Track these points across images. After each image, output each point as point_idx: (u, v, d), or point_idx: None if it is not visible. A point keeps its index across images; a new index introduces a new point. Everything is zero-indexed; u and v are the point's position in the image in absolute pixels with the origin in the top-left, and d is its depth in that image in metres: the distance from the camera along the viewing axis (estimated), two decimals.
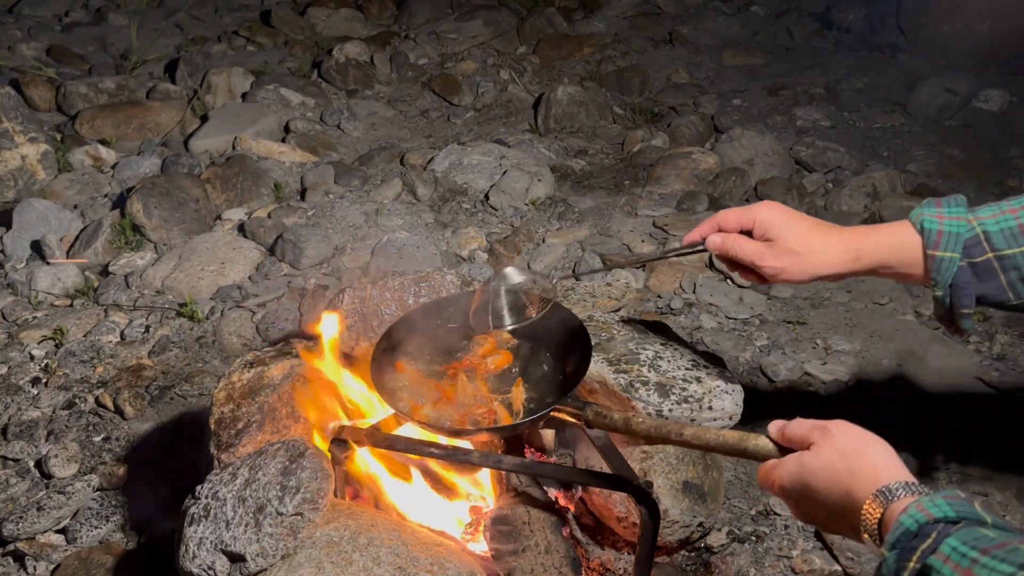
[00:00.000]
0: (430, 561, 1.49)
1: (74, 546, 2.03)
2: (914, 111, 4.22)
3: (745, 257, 1.39)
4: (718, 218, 1.44)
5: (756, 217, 1.39)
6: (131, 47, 4.83)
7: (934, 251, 1.28)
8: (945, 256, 1.27)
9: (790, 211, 1.39)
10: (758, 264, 1.38)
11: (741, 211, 1.41)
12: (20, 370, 2.65)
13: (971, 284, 1.28)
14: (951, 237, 1.27)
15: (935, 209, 1.31)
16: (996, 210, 1.29)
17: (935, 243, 1.28)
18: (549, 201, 3.53)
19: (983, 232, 1.27)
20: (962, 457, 2.23)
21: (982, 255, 1.26)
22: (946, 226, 1.28)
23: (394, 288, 2.04)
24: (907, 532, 0.91)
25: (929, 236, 1.29)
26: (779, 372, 2.55)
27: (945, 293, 1.30)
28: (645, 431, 1.36)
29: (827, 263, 1.35)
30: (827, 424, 1.09)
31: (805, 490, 1.07)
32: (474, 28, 5.09)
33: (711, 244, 1.44)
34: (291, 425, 1.78)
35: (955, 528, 0.89)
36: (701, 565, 1.91)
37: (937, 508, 0.91)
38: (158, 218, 3.24)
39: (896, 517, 0.93)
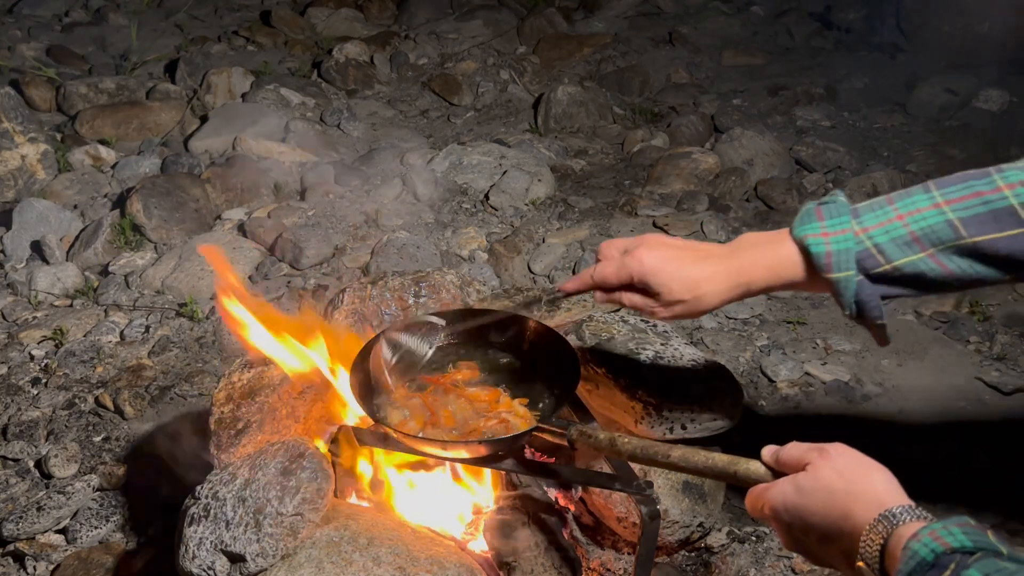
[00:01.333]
0: (430, 561, 1.49)
1: (74, 546, 2.03)
2: (914, 111, 4.22)
3: (639, 309, 1.36)
4: (597, 275, 1.37)
5: (631, 272, 1.32)
6: (131, 47, 4.83)
7: (828, 275, 1.21)
8: (840, 277, 1.20)
9: (665, 253, 1.31)
10: (651, 316, 1.36)
11: (617, 265, 1.34)
12: (20, 370, 2.65)
13: (874, 293, 1.22)
14: (841, 255, 1.20)
15: (817, 225, 1.22)
16: (883, 216, 1.21)
17: (827, 266, 1.21)
18: (549, 201, 3.53)
19: (874, 246, 1.20)
20: (962, 457, 2.23)
21: (878, 267, 1.20)
22: (833, 244, 1.20)
23: (394, 288, 2.04)
24: (923, 563, 0.86)
25: (819, 260, 1.21)
26: (779, 372, 2.55)
27: (853, 311, 1.24)
28: (631, 452, 1.30)
29: (715, 301, 1.31)
30: (825, 446, 1.03)
31: (799, 512, 1.01)
32: (474, 28, 5.09)
33: (598, 300, 1.40)
34: (291, 425, 1.78)
35: (973, 559, 0.84)
36: (701, 565, 1.91)
37: (953, 537, 0.87)
38: (158, 218, 3.24)
39: (906, 544, 0.88)
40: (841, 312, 1.26)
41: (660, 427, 1.81)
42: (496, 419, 1.62)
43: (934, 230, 1.17)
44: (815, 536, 1.01)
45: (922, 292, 1.24)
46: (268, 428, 1.74)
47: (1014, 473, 2.16)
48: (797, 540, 1.05)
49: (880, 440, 2.28)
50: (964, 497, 2.13)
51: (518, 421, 1.59)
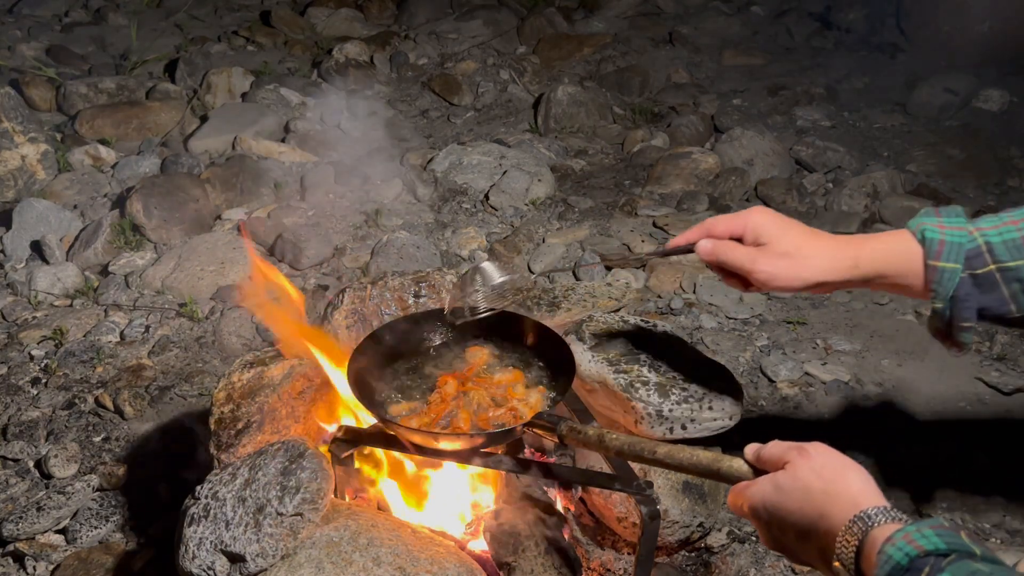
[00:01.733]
0: (430, 561, 1.49)
1: (74, 546, 2.03)
2: (914, 111, 4.22)
3: (736, 263, 1.32)
4: (708, 224, 1.37)
5: (747, 223, 1.32)
6: (131, 47, 4.83)
7: (935, 261, 1.23)
8: (947, 267, 1.22)
9: (783, 217, 1.33)
10: (750, 269, 1.31)
11: (731, 217, 1.35)
12: (20, 370, 2.65)
13: (972, 296, 1.24)
14: (953, 247, 1.22)
15: (935, 219, 1.26)
16: (997, 221, 1.24)
17: (936, 253, 1.23)
18: (549, 201, 3.53)
19: (985, 243, 1.22)
20: (962, 458, 2.23)
21: (984, 266, 1.22)
22: (948, 236, 1.23)
23: (394, 288, 2.04)
24: (898, 567, 0.87)
25: (931, 246, 1.23)
26: (779, 372, 2.55)
27: (945, 306, 1.25)
28: (618, 448, 1.32)
29: (822, 268, 1.28)
30: (805, 445, 1.04)
31: (777, 510, 1.02)
32: (474, 28, 5.09)
33: (701, 250, 1.37)
34: (291, 425, 1.78)
35: (946, 562, 0.85)
36: (701, 565, 1.91)
37: (927, 540, 0.87)
38: (158, 218, 3.24)
39: (881, 548, 0.89)
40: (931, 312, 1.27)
41: (660, 427, 1.81)
42: (507, 408, 1.63)
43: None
44: (792, 534, 1.02)
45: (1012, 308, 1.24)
46: (268, 428, 1.74)
47: (1014, 473, 2.16)
48: (775, 538, 1.06)
49: (880, 440, 2.29)
50: (964, 497, 2.13)
51: (527, 411, 1.61)
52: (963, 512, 2.09)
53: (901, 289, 1.30)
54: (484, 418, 1.62)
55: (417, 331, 1.84)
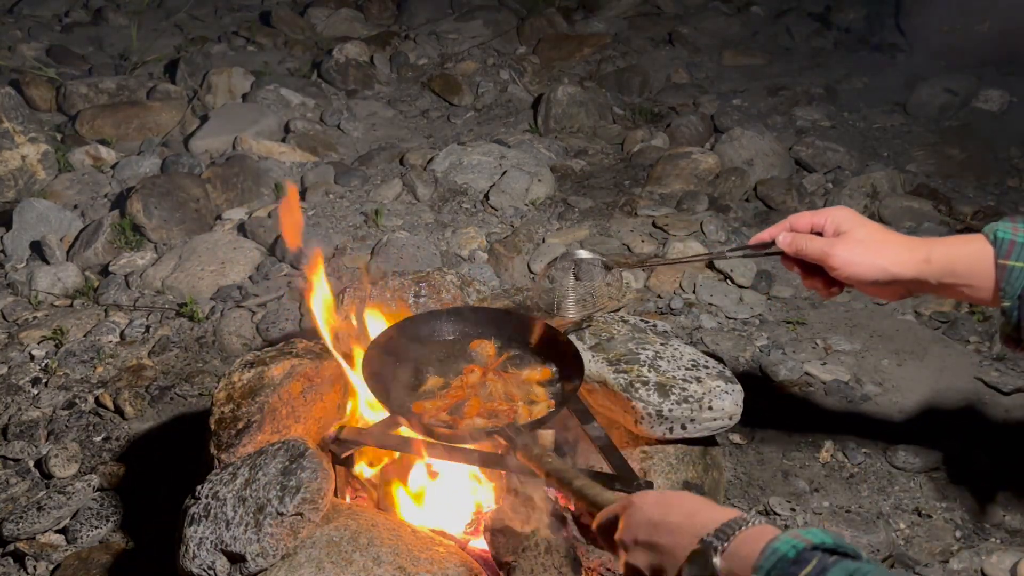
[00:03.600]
0: (430, 561, 1.50)
1: (74, 546, 2.03)
2: (914, 111, 4.22)
3: (815, 252, 1.39)
4: (790, 219, 1.45)
5: (828, 216, 1.40)
6: (131, 47, 4.83)
7: (1005, 260, 1.26)
8: (1017, 265, 1.25)
9: (862, 216, 1.40)
10: (828, 253, 1.37)
11: (813, 212, 1.43)
12: (20, 370, 2.65)
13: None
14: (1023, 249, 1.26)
15: (1010, 223, 1.29)
16: None
17: (1007, 252, 1.26)
18: (549, 201, 3.54)
19: None
20: (962, 458, 2.23)
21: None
22: (1020, 237, 1.26)
23: (394, 288, 2.05)
24: (784, 558, 0.88)
25: (1001, 245, 1.27)
26: (779, 372, 2.55)
27: (1013, 304, 1.27)
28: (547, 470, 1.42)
29: (897, 257, 1.33)
30: None
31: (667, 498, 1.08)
32: (474, 28, 5.09)
33: (782, 242, 1.43)
34: (291, 425, 1.78)
35: (832, 561, 0.87)
36: None
37: (813, 535, 0.90)
38: (158, 218, 3.24)
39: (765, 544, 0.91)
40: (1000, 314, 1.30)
41: (660, 427, 1.81)
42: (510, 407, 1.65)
43: None
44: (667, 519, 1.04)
45: None
46: (268, 428, 1.74)
47: (1014, 473, 2.16)
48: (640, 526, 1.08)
49: (880, 440, 2.29)
50: (964, 497, 2.13)
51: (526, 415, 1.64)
52: (963, 512, 2.09)
53: (971, 291, 1.32)
54: (491, 408, 1.65)
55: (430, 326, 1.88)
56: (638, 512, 1.09)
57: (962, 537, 2.03)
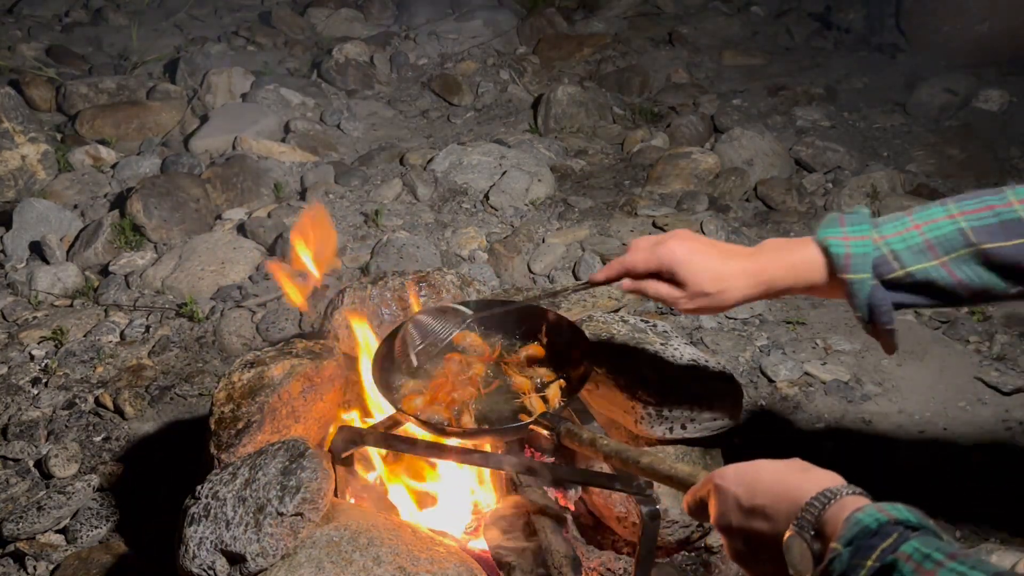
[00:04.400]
0: (430, 561, 1.49)
1: (74, 546, 2.03)
2: (914, 111, 4.22)
3: (661, 301, 1.43)
4: (627, 263, 1.44)
5: (661, 261, 1.39)
6: (131, 47, 4.84)
7: (844, 275, 1.28)
8: (856, 278, 1.27)
9: (696, 246, 1.38)
10: (677, 308, 1.42)
11: (647, 253, 1.41)
12: (20, 370, 2.65)
13: (887, 299, 1.29)
14: (859, 259, 1.27)
15: (839, 229, 1.29)
16: (900, 227, 1.28)
17: (844, 267, 1.28)
18: (549, 201, 3.53)
19: (890, 251, 1.27)
20: (962, 458, 2.23)
21: (893, 272, 1.27)
22: (852, 248, 1.27)
23: (394, 288, 2.05)
24: (866, 529, 0.88)
25: (837, 260, 1.28)
26: (779, 372, 2.55)
27: (865, 314, 1.30)
28: (607, 452, 1.38)
29: (738, 297, 1.37)
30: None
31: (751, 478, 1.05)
32: (474, 28, 5.09)
33: (624, 287, 1.46)
34: (291, 425, 1.78)
35: (915, 534, 0.87)
36: (701, 565, 1.91)
37: (898, 511, 0.89)
38: (158, 218, 3.24)
39: (850, 515, 0.91)
40: (855, 317, 1.33)
41: (660, 427, 1.81)
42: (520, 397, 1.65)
43: (947, 238, 1.25)
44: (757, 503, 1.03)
45: (932, 301, 1.30)
46: (268, 428, 1.74)
47: (1014, 473, 2.16)
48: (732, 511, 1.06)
49: (880, 440, 2.29)
50: (964, 497, 2.13)
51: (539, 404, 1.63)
52: (963, 512, 2.09)
53: (819, 295, 1.37)
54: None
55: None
56: (726, 497, 1.07)
57: (962, 537, 2.03)
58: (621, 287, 1.46)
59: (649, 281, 1.43)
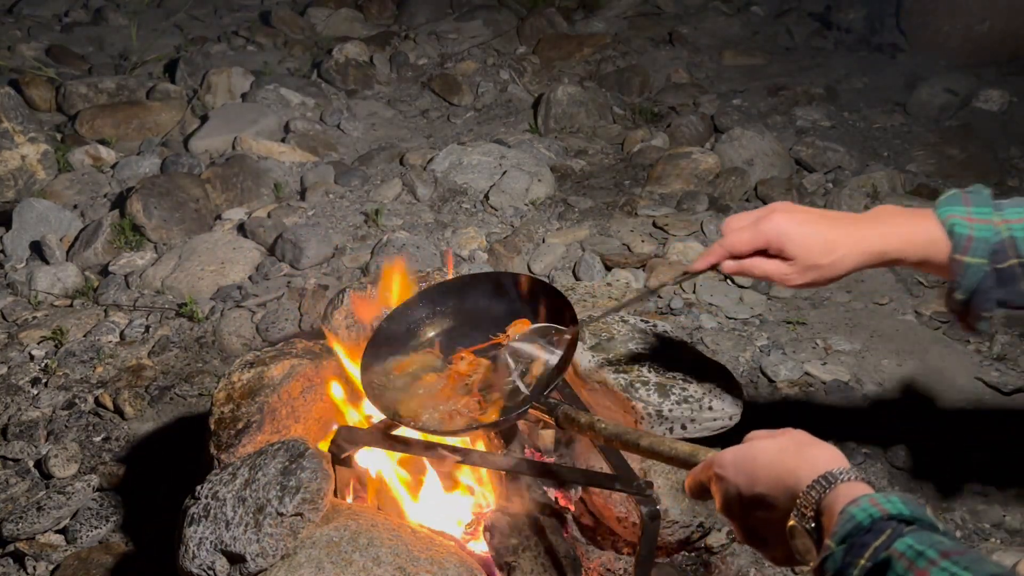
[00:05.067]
0: (430, 561, 1.49)
1: (74, 546, 2.03)
2: (914, 111, 4.22)
3: (770, 279, 1.35)
4: (728, 244, 1.35)
5: (767, 237, 1.31)
6: (131, 47, 4.83)
7: (962, 256, 1.24)
8: (972, 262, 1.24)
9: (802, 216, 1.31)
10: (786, 284, 1.34)
11: (751, 232, 1.33)
12: (20, 370, 2.65)
13: (993, 289, 1.26)
14: (980, 243, 1.24)
15: (963, 209, 1.26)
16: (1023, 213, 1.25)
17: (964, 248, 1.24)
18: (549, 201, 3.53)
19: (1010, 237, 1.24)
20: (962, 458, 2.23)
21: (1006, 261, 1.24)
22: (975, 231, 1.24)
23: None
24: (859, 526, 0.87)
25: (959, 241, 1.25)
26: (779, 372, 2.55)
27: (967, 296, 1.27)
28: (607, 435, 1.37)
29: (849, 267, 1.31)
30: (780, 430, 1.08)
31: (749, 464, 1.03)
32: (474, 28, 5.09)
33: (727, 270, 1.38)
34: (291, 425, 1.78)
35: (908, 529, 0.85)
36: (701, 565, 1.91)
37: (892, 504, 0.88)
38: (158, 218, 3.24)
39: (843, 508, 0.89)
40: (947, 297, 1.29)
41: (660, 427, 1.81)
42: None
43: None
44: (756, 492, 1.02)
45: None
46: (268, 428, 1.74)
47: (1014, 473, 2.16)
48: (734, 501, 1.06)
49: (880, 440, 2.29)
50: (964, 497, 2.13)
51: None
52: (963, 512, 2.09)
53: (924, 270, 1.33)
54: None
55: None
56: (727, 485, 1.06)
57: (962, 537, 2.03)
58: (722, 270, 1.38)
59: (754, 260, 1.34)
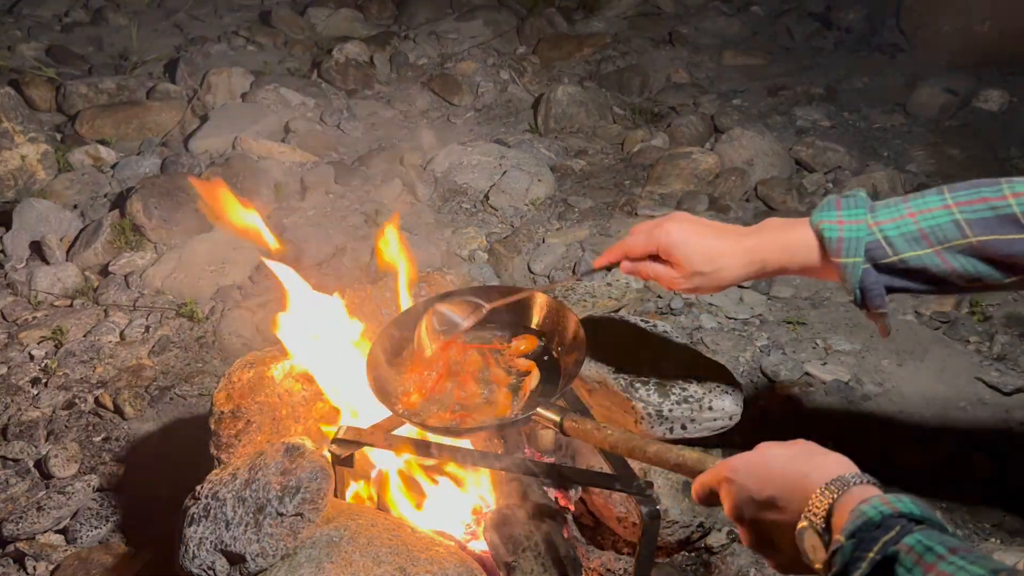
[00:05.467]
0: (430, 561, 1.49)
1: (74, 546, 2.03)
2: (914, 111, 4.22)
3: (660, 283, 1.46)
4: (625, 246, 1.48)
5: (658, 243, 1.42)
6: (131, 47, 4.83)
7: (836, 258, 1.30)
8: (848, 262, 1.29)
9: (691, 228, 1.41)
10: (674, 288, 1.45)
11: (646, 237, 1.44)
12: (20, 370, 2.65)
13: (879, 283, 1.30)
14: (851, 243, 1.29)
15: (834, 213, 1.31)
16: (895, 213, 1.29)
17: (836, 250, 1.30)
18: (549, 201, 3.53)
19: (884, 238, 1.28)
20: (962, 458, 2.23)
21: (886, 257, 1.28)
22: (846, 232, 1.29)
23: (394, 288, 2.05)
24: (870, 522, 0.89)
25: (830, 244, 1.30)
26: (779, 372, 2.55)
27: (857, 296, 1.32)
28: (613, 442, 1.38)
29: (733, 276, 1.40)
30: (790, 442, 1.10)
31: (761, 468, 1.04)
32: (474, 28, 5.09)
33: (624, 270, 1.50)
34: (291, 425, 1.78)
35: (918, 527, 0.88)
36: (701, 565, 1.91)
37: (903, 504, 0.90)
38: (158, 218, 3.24)
39: (856, 506, 0.91)
40: (849, 299, 1.35)
41: (660, 427, 1.81)
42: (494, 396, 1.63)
43: (942, 228, 1.26)
44: (767, 495, 1.03)
45: (926, 287, 1.31)
46: (268, 428, 1.74)
47: (1014, 474, 2.16)
48: (746, 504, 1.06)
49: (880, 440, 2.29)
50: (964, 497, 2.13)
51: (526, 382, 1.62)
52: (963, 512, 2.09)
53: (814, 276, 1.39)
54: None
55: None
56: (738, 491, 1.07)
57: (963, 537, 2.03)
58: (620, 270, 1.50)
59: (646, 263, 1.46)
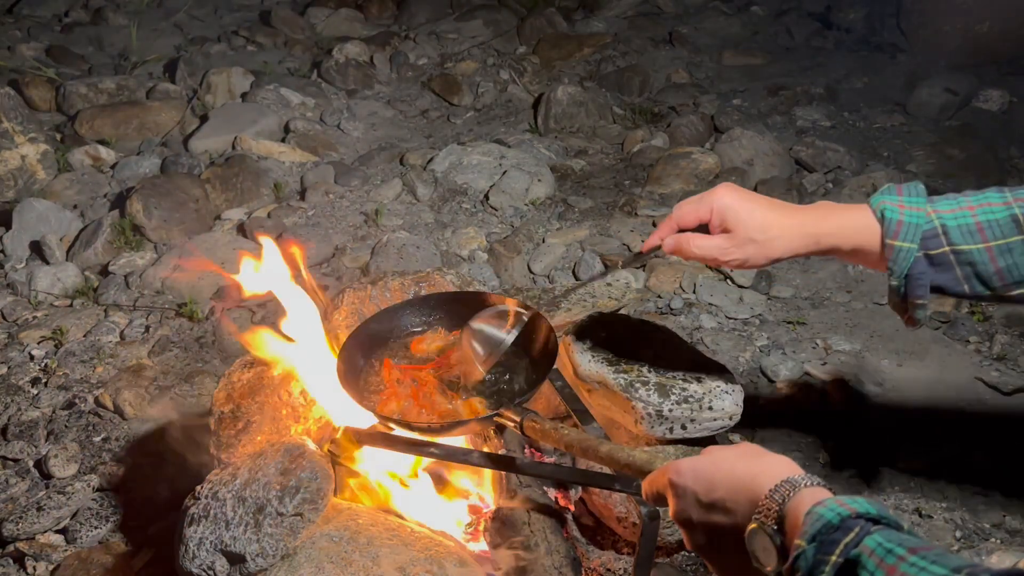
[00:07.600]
0: (430, 561, 1.49)
1: (74, 546, 2.03)
2: (914, 111, 4.22)
3: (706, 256, 1.40)
4: (676, 216, 1.43)
5: (712, 207, 1.38)
6: (131, 47, 4.83)
7: (893, 240, 1.29)
8: (903, 246, 1.28)
9: (746, 195, 1.38)
10: (721, 260, 1.39)
11: (697, 203, 1.40)
12: (20, 370, 2.65)
13: (926, 274, 1.29)
14: (910, 228, 1.28)
15: (896, 197, 1.31)
16: (955, 205, 1.29)
17: (894, 232, 1.29)
18: (549, 201, 3.53)
19: (941, 226, 1.28)
20: (962, 458, 2.23)
21: (939, 248, 1.28)
22: (906, 216, 1.29)
23: (394, 288, 2.05)
24: (829, 525, 0.88)
25: (889, 225, 1.29)
26: (779, 372, 2.55)
27: (900, 283, 1.31)
28: (567, 442, 1.38)
29: (786, 248, 1.36)
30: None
31: (707, 472, 1.03)
32: (474, 28, 5.09)
33: (666, 247, 1.44)
34: (291, 425, 1.78)
35: (876, 528, 0.87)
36: (701, 565, 1.91)
37: (858, 504, 0.89)
38: (158, 218, 3.24)
39: (811, 509, 0.90)
40: (889, 287, 1.33)
41: (660, 427, 1.81)
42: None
43: (999, 224, 1.26)
44: (714, 497, 1.02)
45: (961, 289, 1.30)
46: (268, 428, 1.74)
47: (1014, 473, 2.16)
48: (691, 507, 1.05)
49: (880, 440, 2.29)
50: (964, 497, 2.13)
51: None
52: (963, 512, 2.09)
53: (859, 260, 1.37)
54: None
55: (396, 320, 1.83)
56: (683, 493, 1.06)
57: (962, 537, 2.03)
58: (664, 249, 1.44)
59: (692, 237, 1.40)
